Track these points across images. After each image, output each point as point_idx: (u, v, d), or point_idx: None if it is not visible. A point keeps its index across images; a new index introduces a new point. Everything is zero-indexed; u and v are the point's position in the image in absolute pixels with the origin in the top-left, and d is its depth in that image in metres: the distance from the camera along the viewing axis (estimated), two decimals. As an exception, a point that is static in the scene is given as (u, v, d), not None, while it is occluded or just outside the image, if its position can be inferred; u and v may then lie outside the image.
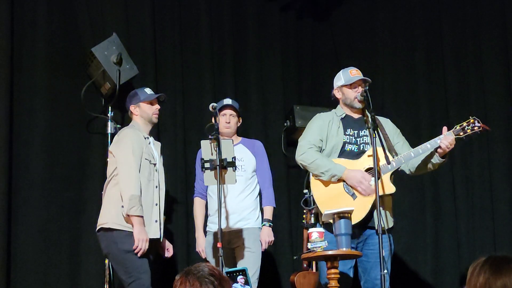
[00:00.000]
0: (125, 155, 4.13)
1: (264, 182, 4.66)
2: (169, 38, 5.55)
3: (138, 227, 4.02)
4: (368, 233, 4.06)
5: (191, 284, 2.18)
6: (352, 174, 4.01)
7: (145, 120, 4.38)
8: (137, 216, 4.03)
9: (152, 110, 4.40)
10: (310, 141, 4.17)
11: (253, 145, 4.70)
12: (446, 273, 5.61)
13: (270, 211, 4.62)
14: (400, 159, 4.04)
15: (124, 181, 4.08)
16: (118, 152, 4.17)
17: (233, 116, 4.65)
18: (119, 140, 4.25)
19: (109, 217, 4.12)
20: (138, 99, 4.39)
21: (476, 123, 4.07)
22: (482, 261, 2.17)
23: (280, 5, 6.10)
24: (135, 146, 4.16)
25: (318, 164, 4.07)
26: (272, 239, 4.57)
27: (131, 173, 4.08)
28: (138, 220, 4.03)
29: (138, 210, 4.03)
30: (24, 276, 4.68)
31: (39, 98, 4.94)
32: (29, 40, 4.98)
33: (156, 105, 4.44)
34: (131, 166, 4.10)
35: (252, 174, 4.61)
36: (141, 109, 4.39)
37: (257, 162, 4.64)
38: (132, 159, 4.10)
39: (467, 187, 5.71)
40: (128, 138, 4.20)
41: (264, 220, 4.58)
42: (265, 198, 4.65)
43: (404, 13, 6.11)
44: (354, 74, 4.19)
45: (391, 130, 4.24)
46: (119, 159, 4.15)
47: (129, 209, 4.01)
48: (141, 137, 4.25)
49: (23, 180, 4.79)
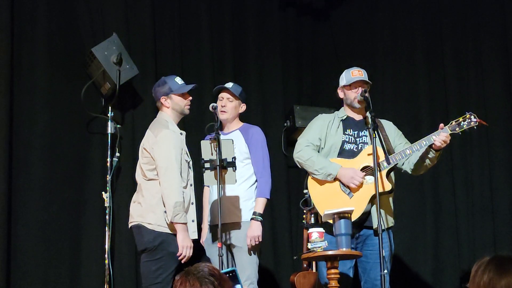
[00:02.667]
0: (167, 162, 3.97)
1: (258, 172, 4.38)
2: (169, 38, 5.55)
3: (182, 233, 3.92)
4: (367, 233, 4.07)
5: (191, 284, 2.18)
6: (345, 171, 4.04)
7: (176, 112, 4.22)
8: (181, 224, 3.93)
9: (184, 103, 4.24)
10: (308, 139, 4.21)
11: (247, 132, 4.44)
12: (446, 273, 5.61)
13: (262, 203, 4.32)
14: (396, 157, 4.05)
15: (167, 188, 3.94)
16: (159, 157, 4.00)
17: (230, 100, 4.45)
18: (159, 143, 4.03)
19: (154, 219, 3.99)
20: (170, 90, 4.19)
21: (472, 118, 4.06)
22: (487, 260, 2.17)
23: (280, 5, 6.10)
24: (177, 150, 4.02)
25: (314, 162, 4.09)
26: (259, 234, 4.26)
27: (175, 180, 3.94)
28: (182, 227, 3.93)
29: (183, 218, 3.92)
30: (24, 276, 4.68)
31: (39, 98, 4.94)
32: (29, 40, 4.98)
33: (189, 97, 4.27)
34: (174, 173, 3.95)
35: (244, 162, 4.36)
36: (173, 101, 4.20)
37: (251, 150, 4.39)
38: (175, 165, 3.96)
39: (467, 187, 5.71)
40: (171, 142, 4.02)
41: (254, 213, 4.30)
42: (257, 188, 4.37)
43: (404, 13, 6.11)
44: (355, 75, 4.21)
45: (392, 132, 4.25)
46: (160, 165, 3.98)
47: (173, 217, 3.89)
48: (179, 138, 4.10)
49: (23, 180, 4.78)
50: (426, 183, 5.73)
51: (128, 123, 5.18)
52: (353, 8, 6.27)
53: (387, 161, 4.00)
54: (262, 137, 4.50)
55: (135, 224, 4.07)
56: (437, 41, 5.99)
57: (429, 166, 4.17)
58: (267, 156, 4.46)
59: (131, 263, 4.92)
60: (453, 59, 5.92)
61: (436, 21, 6.03)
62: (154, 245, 3.96)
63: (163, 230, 3.98)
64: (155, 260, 3.97)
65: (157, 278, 3.93)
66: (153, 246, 3.97)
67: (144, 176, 4.10)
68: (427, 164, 4.13)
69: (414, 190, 5.72)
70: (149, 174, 4.07)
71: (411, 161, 4.16)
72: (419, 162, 4.13)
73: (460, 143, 5.61)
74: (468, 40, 5.93)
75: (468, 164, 5.75)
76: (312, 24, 6.29)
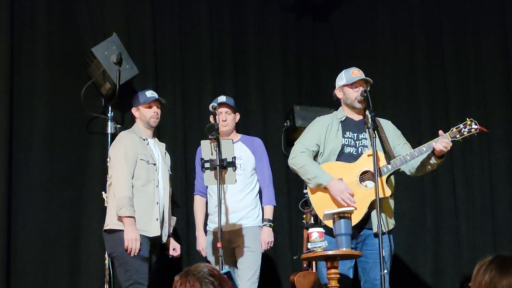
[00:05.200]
0: (116, 159, 4.24)
1: (264, 181, 4.62)
2: (169, 38, 5.55)
3: (127, 227, 4.09)
4: (367, 233, 4.05)
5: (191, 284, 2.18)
6: (336, 185, 3.99)
7: (144, 123, 4.44)
8: (126, 217, 4.09)
9: (149, 114, 4.43)
10: (304, 145, 4.18)
11: (252, 143, 4.67)
12: (446, 273, 5.61)
13: (270, 210, 4.58)
14: (396, 162, 4.03)
15: (115, 184, 4.18)
16: (111, 155, 4.32)
17: (228, 113, 4.61)
18: (113, 144, 4.39)
19: (110, 219, 4.20)
20: (138, 102, 4.46)
21: (473, 125, 4.04)
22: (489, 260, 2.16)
23: (280, 5, 6.10)
24: (128, 149, 4.24)
25: (306, 170, 4.08)
26: (272, 239, 4.54)
27: (121, 176, 4.17)
28: (128, 221, 4.10)
29: (128, 211, 4.09)
30: (24, 276, 4.68)
31: (39, 98, 4.94)
32: (29, 40, 4.98)
33: (154, 108, 4.45)
34: (121, 169, 4.18)
35: (251, 172, 4.58)
36: (140, 113, 4.46)
37: (256, 161, 4.61)
38: (123, 163, 4.18)
39: (467, 187, 5.71)
40: (121, 142, 4.31)
41: (264, 220, 4.55)
42: (265, 197, 4.61)
43: (404, 13, 6.11)
44: (356, 74, 4.18)
45: (391, 132, 4.22)
46: (111, 163, 4.28)
47: (119, 210, 4.09)
48: (135, 139, 4.31)
49: (23, 180, 4.79)
50: (426, 183, 5.73)
51: (128, 123, 5.16)
52: (353, 8, 6.27)
53: (387, 167, 3.99)
54: (264, 148, 4.74)
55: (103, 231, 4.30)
56: (437, 41, 5.98)
57: (429, 170, 4.18)
58: (269, 166, 4.71)
59: (131, 263, 4.92)
60: (453, 59, 5.92)
61: (436, 21, 6.02)
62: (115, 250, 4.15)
63: (118, 228, 4.13)
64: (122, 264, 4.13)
65: (129, 280, 4.10)
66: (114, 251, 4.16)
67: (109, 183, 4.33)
68: (428, 169, 4.14)
69: (414, 190, 5.71)
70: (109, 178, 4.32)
71: (411, 165, 4.14)
72: (420, 166, 4.12)
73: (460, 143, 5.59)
74: (468, 40, 5.93)
75: (468, 164, 5.75)
76: (312, 24, 6.29)
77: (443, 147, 3.93)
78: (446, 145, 3.94)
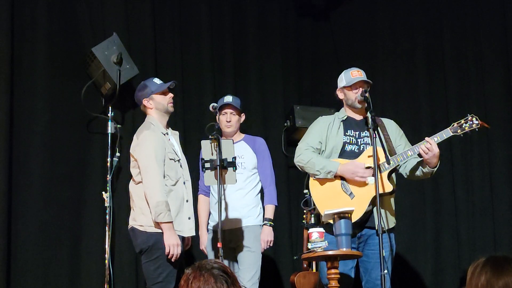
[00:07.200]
0: (147, 162, 4.00)
1: (266, 180, 4.63)
2: (169, 38, 5.55)
3: (167, 233, 3.93)
4: (369, 233, 4.06)
5: (206, 279, 2.16)
6: (345, 167, 4.04)
7: (161, 112, 4.24)
8: (165, 223, 3.93)
9: (166, 100, 4.26)
10: (308, 143, 4.21)
11: (254, 142, 4.67)
12: (446, 273, 5.60)
13: (272, 210, 4.58)
14: (398, 158, 4.06)
15: (148, 189, 3.98)
16: (140, 158, 4.05)
17: (233, 114, 4.61)
18: (140, 144, 4.09)
19: (145, 221, 4.03)
20: (150, 92, 4.24)
21: (474, 120, 4.07)
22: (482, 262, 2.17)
23: (280, 5, 6.10)
24: (158, 149, 4.04)
25: (314, 163, 4.10)
26: (272, 239, 4.53)
27: (155, 180, 3.97)
28: (167, 226, 3.94)
29: (166, 216, 3.92)
30: (24, 276, 4.68)
31: (39, 98, 4.94)
32: (29, 40, 4.98)
33: (170, 94, 4.30)
34: (154, 172, 3.97)
35: (252, 171, 4.58)
36: (155, 101, 4.24)
37: (258, 160, 4.61)
38: (155, 165, 3.98)
39: (467, 187, 5.71)
40: (149, 142, 4.05)
41: (265, 220, 4.55)
42: (267, 196, 4.61)
43: (404, 13, 6.11)
44: (355, 75, 4.20)
45: (394, 131, 4.25)
46: (142, 166, 4.03)
47: (156, 217, 3.92)
48: (160, 136, 4.12)
49: (23, 180, 4.78)
50: (426, 183, 5.72)
51: (128, 123, 5.18)
52: (353, 8, 6.27)
53: (388, 162, 4.00)
54: (267, 147, 4.73)
55: (130, 227, 4.14)
56: (437, 41, 5.98)
57: (421, 178, 4.19)
58: (272, 165, 4.69)
59: (131, 263, 4.92)
60: (453, 59, 5.92)
61: (436, 21, 6.02)
62: (148, 245, 3.99)
63: (154, 231, 3.99)
64: (152, 260, 3.99)
65: (158, 277, 3.95)
66: (148, 247, 4.00)
67: (133, 181, 4.17)
68: (419, 175, 4.14)
69: (414, 190, 5.71)
70: (137, 177, 4.13)
71: (407, 167, 4.17)
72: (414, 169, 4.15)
73: (460, 143, 5.61)
74: (468, 40, 5.93)
75: (468, 164, 5.74)
76: (312, 24, 6.30)
77: (426, 148, 3.94)
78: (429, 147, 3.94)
